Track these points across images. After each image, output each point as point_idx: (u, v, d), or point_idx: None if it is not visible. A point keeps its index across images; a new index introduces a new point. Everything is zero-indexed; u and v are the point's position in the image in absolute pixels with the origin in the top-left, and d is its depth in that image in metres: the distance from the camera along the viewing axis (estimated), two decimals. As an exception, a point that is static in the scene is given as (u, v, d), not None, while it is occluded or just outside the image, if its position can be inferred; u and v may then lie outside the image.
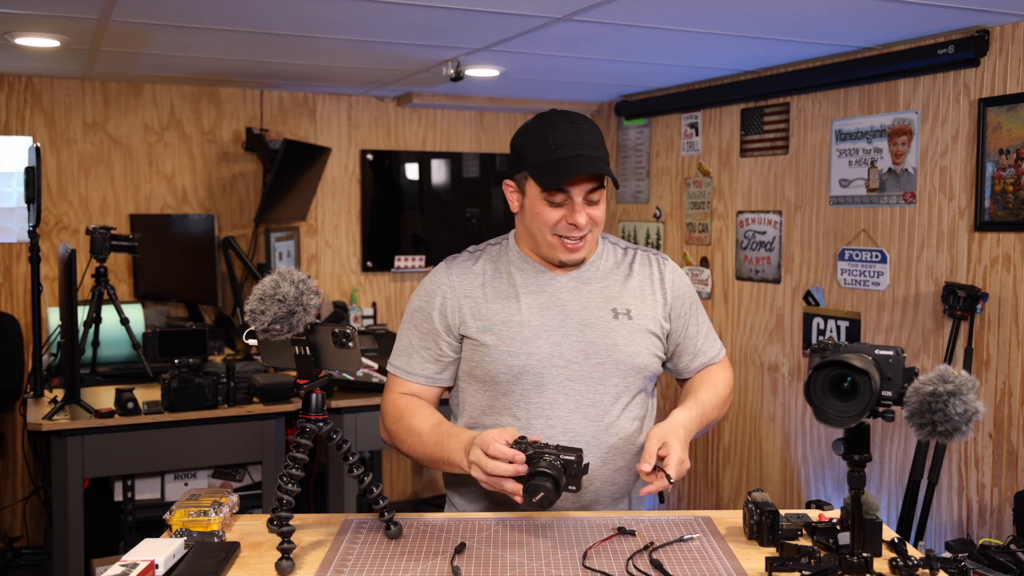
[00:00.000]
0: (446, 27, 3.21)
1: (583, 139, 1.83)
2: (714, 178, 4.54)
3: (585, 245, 1.88)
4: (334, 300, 5.05)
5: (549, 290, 1.92)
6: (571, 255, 1.88)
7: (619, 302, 1.93)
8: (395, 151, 5.22)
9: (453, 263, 1.98)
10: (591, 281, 1.94)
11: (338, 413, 3.49)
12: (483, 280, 1.94)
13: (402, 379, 1.97)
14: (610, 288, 1.94)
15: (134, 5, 2.93)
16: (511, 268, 1.95)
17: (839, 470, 3.85)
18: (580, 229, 1.84)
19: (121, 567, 1.48)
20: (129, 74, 4.41)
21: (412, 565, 1.57)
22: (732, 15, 3.05)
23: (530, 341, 1.87)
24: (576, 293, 1.92)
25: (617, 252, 2.01)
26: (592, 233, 1.88)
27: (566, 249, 1.87)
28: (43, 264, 4.26)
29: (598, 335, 1.89)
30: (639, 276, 1.97)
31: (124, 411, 3.22)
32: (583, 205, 1.83)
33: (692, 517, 1.83)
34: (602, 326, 1.90)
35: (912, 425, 1.44)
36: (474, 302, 1.92)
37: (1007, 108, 3.14)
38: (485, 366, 1.90)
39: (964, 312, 3.24)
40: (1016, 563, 2.56)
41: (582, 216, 1.83)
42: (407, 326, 1.98)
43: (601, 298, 1.92)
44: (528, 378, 1.87)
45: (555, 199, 1.83)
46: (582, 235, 1.86)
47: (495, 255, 1.98)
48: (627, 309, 1.92)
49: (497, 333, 1.89)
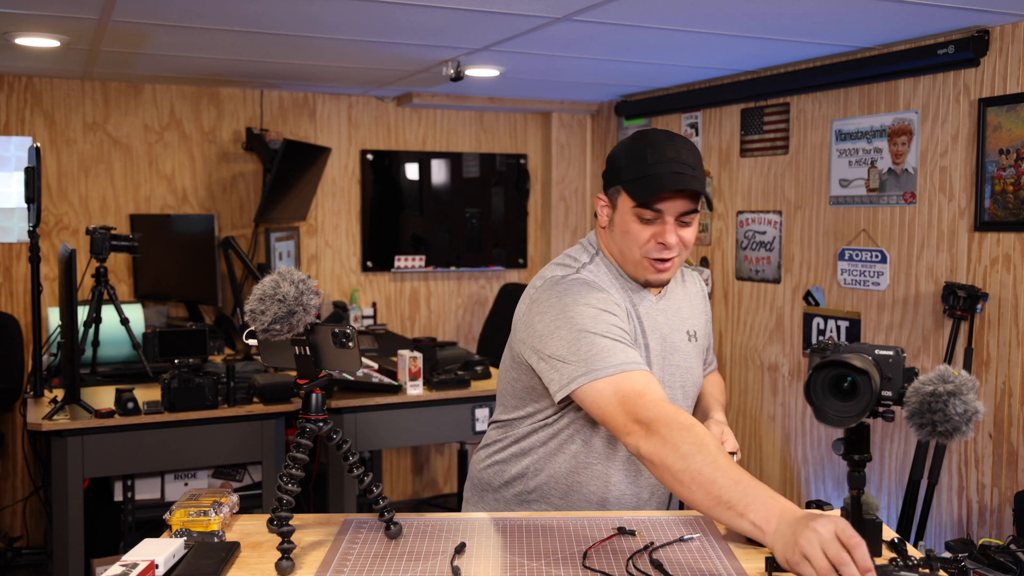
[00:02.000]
0: (446, 27, 3.21)
1: (682, 157, 1.77)
2: (714, 178, 4.54)
3: (672, 267, 1.84)
4: (334, 300, 5.05)
5: (652, 313, 1.89)
6: (659, 276, 1.84)
7: (690, 324, 1.96)
8: (395, 151, 5.22)
9: (594, 274, 1.86)
10: (672, 303, 1.94)
11: (338, 413, 3.49)
12: (618, 298, 1.85)
13: (636, 373, 1.67)
14: (682, 310, 1.96)
15: (134, 5, 2.93)
16: (621, 287, 1.88)
17: (839, 470, 3.85)
18: (669, 249, 1.79)
19: (121, 567, 1.48)
20: (129, 74, 4.41)
21: (412, 565, 1.57)
22: (732, 15, 3.05)
23: (655, 364, 1.87)
24: (666, 315, 1.92)
25: None
26: (680, 256, 1.84)
27: (655, 269, 1.82)
28: (43, 264, 4.26)
29: (680, 358, 1.92)
30: (692, 294, 2.01)
31: (124, 411, 3.22)
32: (675, 225, 1.78)
33: (692, 517, 1.83)
34: (683, 350, 1.93)
35: (912, 425, 1.44)
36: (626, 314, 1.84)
37: (1007, 108, 3.14)
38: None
39: (964, 312, 3.24)
40: (1016, 563, 2.56)
41: (672, 236, 1.78)
42: (590, 333, 1.71)
43: (678, 319, 1.94)
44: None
45: (646, 216, 1.78)
46: (672, 256, 1.81)
47: (601, 271, 1.88)
48: (694, 331, 1.96)
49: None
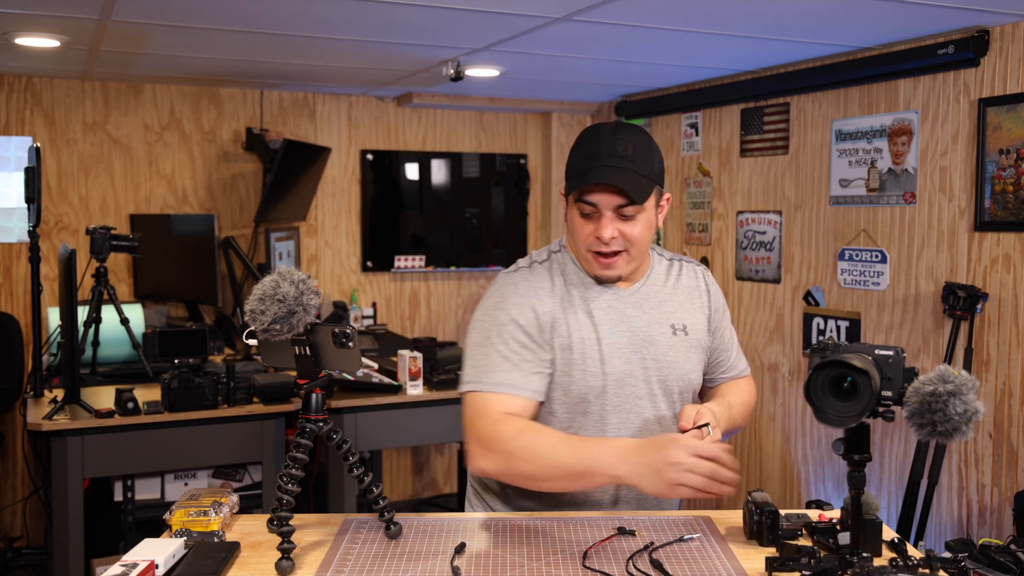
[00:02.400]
0: (446, 27, 3.21)
1: (617, 150, 1.74)
2: (714, 178, 4.54)
3: (619, 263, 1.81)
4: (334, 300, 5.05)
5: (615, 305, 1.86)
6: (604, 271, 1.82)
7: (676, 317, 1.90)
8: (395, 151, 5.21)
9: (532, 273, 1.88)
10: (650, 296, 1.90)
11: (338, 413, 3.49)
12: (561, 293, 1.86)
13: (502, 396, 1.77)
14: (667, 303, 1.91)
15: (134, 5, 2.93)
16: (580, 281, 1.88)
17: (839, 470, 3.85)
18: (607, 244, 1.77)
19: (121, 567, 1.48)
20: (129, 74, 4.41)
21: (412, 565, 1.57)
22: (732, 15, 3.05)
23: (607, 360, 1.82)
24: (639, 309, 1.87)
25: (663, 263, 1.96)
26: (630, 252, 1.80)
27: (599, 264, 1.81)
28: (43, 264, 4.26)
29: (660, 352, 1.86)
30: (687, 288, 1.95)
31: (124, 411, 3.22)
32: (612, 219, 1.76)
33: (692, 517, 1.83)
34: (663, 343, 1.87)
35: (912, 425, 1.44)
36: (557, 316, 1.83)
37: (1007, 108, 3.14)
38: (564, 386, 1.83)
39: (964, 312, 3.24)
40: (1016, 563, 2.56)
41: (607, 231, 1.75)
42: (493, 342, 1.80)
43: (660, 313, 1.89)
44: (607, 398, 1.83)
45: (585, 210, 1.77)
46: (613, 251, 1.78)
47: (559, 265, 1.89)
48: (683, 325, 1.90)
49: (578, 352, 1.82)
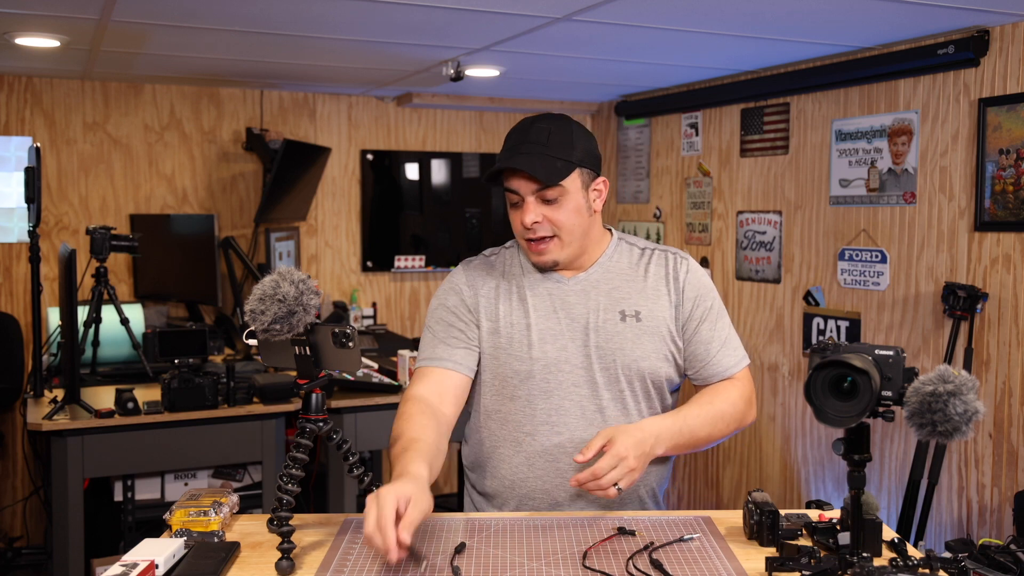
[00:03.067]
0: (446, 27, 3.21)
1: (532, 138, 1.79)
2: (714, 178, 4.54)
3: (551, 248, 1.83)
4: (334, 300, 5.05)
5: (556, 293, 1.88)
6: (537, 258, 1.85)
7: (628, 304, 1.87)
8: (395, 151, 5.22)
9: (469, 264, 1.97)
10: (599, 283, 1.89)
11: (338, 413, 3.49)
12: (497, 282, 1.92)
13: (424, 369, 1.88)
14: (620, 289, 1.88)
15: (134, 5, 2.93)
16: (521, 271, 1.92)
17: (839, 470, 3.85)
18: (531, 230, 1.81)
19: (121, 567, 1.48)
20: (129, 74, 4.41)
21: (412, 565, 1.57)
22: (732, 15, 3.05)
23: (536, 345, 1.84)
24: (583, 296, 1.87)
25: (633, 253, 1.94)
26: (561, 237, 1.82)
27: (532, 251, 1.85)
28: (43, 264, 4.26)
29: (603, 339, 1.84)
30: (654, 276, 1.90)
31: (124, 411, 3.22)
32: (535, 204, 1.80)
33: (692, 517, 1.83)
34: (608, 329, 1.84)
35: (912, 425, 1.44)
36: (488, 302, 1.90)
37: (1007, 108, 3.14)
38: (492, 369, 1.88)
39: (964, 312, 3.24)
40: (1016, 563, 2.56)
41: (529, 216, 1.79)
42: (428, 327, 1.94)
43: (609, 300, 1.87)
44: (534, 383, 1.84)
45: (512, 199, 1.83)
46: (542, 236, 1.81)
47: (508, 258, 1.96)
48: (636, 311, 1.86)
49: (505, 335, 1.86)
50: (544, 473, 1.87)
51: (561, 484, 1.86)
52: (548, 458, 1.86)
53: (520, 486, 1.89)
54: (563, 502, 1.88)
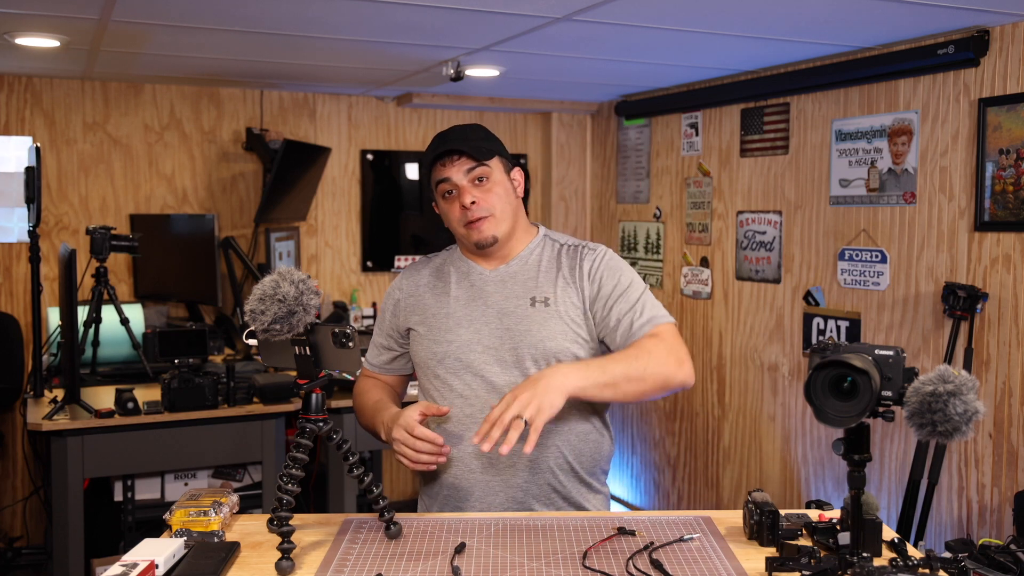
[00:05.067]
0: (446, 27, 3.21)
1: (454, 135, 1.99)
2: (714, 178, 4.54)
3: (488, 224, 1.98)
4: (334, 300, 5.05)
5: (477, 284, 2.04)
6: (478, 235, 1.98)
7: (539, 292, 2.01)
8: (395, 151, 5.22)
9: (408, 268, 2.17)
10: (516, 275, 2.04)
11: (338, 413, 3.49)
12: (427, 280, 2.11)
13: (366, 370, 2.22)
14: (535, 280, 2.03)
15: (134, 5, 2.93)
16: (451, 268, 2.10)
17: (839, 470, 3.85)
18: (470, 209, 1.96)
19: (121, 567, 1.48)
20: (129, 74, 4.41)
21: (412, 565, 1.57)
22: (732, 15, 3.05)
23: (452, 330, 2.00)
24: (500, 286, 2.03)
25: (554, 248, 2.08)
26: (495, 215, 1.98)
27: (472, 230, 1.98)
28: (43, 264, 4.26)
29: (513, 322, 1.98)
30: (566, 268, 2.03)
31: (124, 411, 3.22)
32: (470, 187, 1.97)
33: (692, 517, 1.83)
34: (519, 314, 1.99)
35: (912, 425, 1.44)
36: (417, 299, 2.09)
37: (1007, 108, 3.14)
38: (418, 354, 2.06)
39: (964, 312, 3.24)
40: (1016, 563, 2.56)
41: (467, 197, 1.96)
42: (375, 327, 2.22)
43: (523, 289, 2.02)
44: (449, 363, 1.99)
45: (444, 189, 1.99)
46: (479, 217, 1.97)
47: (443, 259, 2.14)
48: (545, 297, 2.00)
49: (428, 324, 2.04)
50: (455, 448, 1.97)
51: (473, 452, 1.96)
52: (461, 428, 1.97)
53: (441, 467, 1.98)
54: (476, 471, 1.96)
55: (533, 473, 1.96)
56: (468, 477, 1.97)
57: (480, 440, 1.67)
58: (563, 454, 1.98)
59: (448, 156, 1.97)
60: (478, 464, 1.96)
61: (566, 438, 1.98)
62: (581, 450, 2.00)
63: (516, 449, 1.73)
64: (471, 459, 1.97)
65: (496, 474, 1.96)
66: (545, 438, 1.92)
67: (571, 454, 1.99)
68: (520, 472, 1.95)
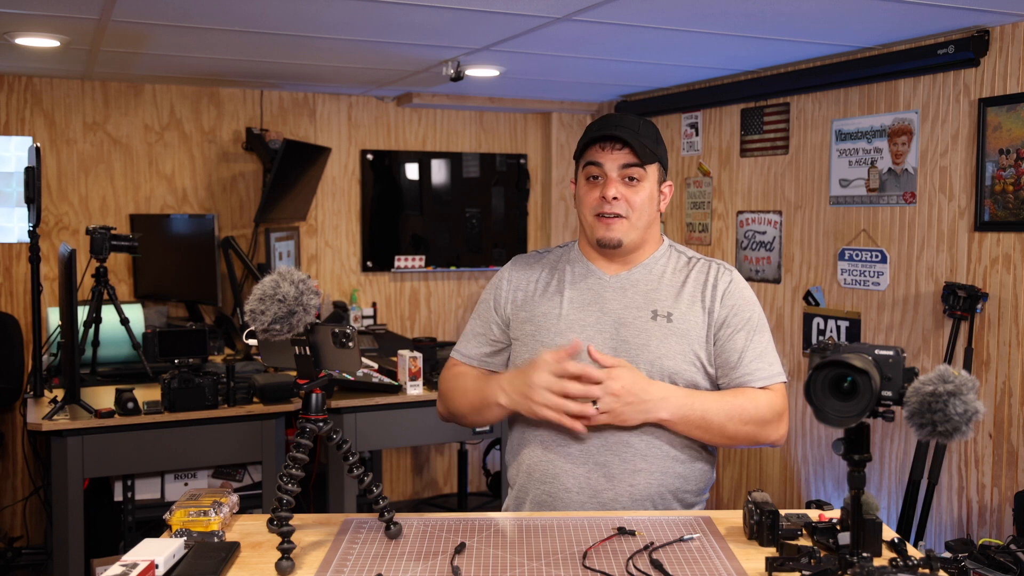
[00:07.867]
0: (446, 27, 3.21)
1: (625, 123, 1.89)
2: (714, 178, 4.54)
3: (621, 225, 1.89)
4: (334, 300, 5.05)
5: (595, 288, 1.95)
6: (606, 233, 1.89)
7: (662, 305, 1.91)
8: (395, 151, 5.22)
9: (518, 260, 2.08)
10: (638, 283, 1.94)
11: (338, 413, 3.49)
12: (539, 276, 2.01)
13: (456, 360, 2.08)
14: (657, 291, 1.93)
15: (134, 5, 2.93)
16: (567, 266, 2.00)
17: (839, 470, 3.85)
18: (611, 204, 1.88)
19: (121, 567, 1.48)
20: (129, 74, 4.41)
21: (412, 565, 1.57)
22: (732, 15, 3.05)
23: (563, 332, 1.90)
24: (620, 293, 1.93)
25: (680, 260, 1.99)
26: (631, 218, 1.90)
27: (602, 225, 1.90)
28: (43, 264, 4.26)
29: (631, 334, 1.88)
30: (693, 283, 1.94)
31: (124, 411, 3.22)
32: (617, 181, 1.88)
33: (692, 517, 1.83)
34: (637, 326, 1.89)
35: (912, 425, 1.43)
36: (525, 295, 2.00)
37: (1007, 108, 3.14)
38: (522, 355, 1.95)
39: (964, 312, 3.24)
40: (1016, 563, 2.56)
41: (611, 190, 1.87)
42: (472, 317, 2.10)
43: (645, 300, 1.92)
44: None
45: (592, 172, 1.90)
46: (616, 213, 1.89)
47: (558, 255, 2.05)
48: (668, 312, 1.89)
49: (536, 324, 1.95)
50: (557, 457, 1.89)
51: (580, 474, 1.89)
52: (563, 440, 1.89)
53: (536, 469, 1.92)
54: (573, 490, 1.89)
55: (633, 500, 1.89)
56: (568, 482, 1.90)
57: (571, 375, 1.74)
58: (665, 484, 1.91)
59: (611, 142, 1.88)
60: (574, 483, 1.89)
61: (671, 465, 1.91)
62: (686, 480, 1.95)
63: (617, 472, 1.86)
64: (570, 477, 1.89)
65: (592, 496, 1.88)
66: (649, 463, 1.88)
67: (675, 480, 1.92)
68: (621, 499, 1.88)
